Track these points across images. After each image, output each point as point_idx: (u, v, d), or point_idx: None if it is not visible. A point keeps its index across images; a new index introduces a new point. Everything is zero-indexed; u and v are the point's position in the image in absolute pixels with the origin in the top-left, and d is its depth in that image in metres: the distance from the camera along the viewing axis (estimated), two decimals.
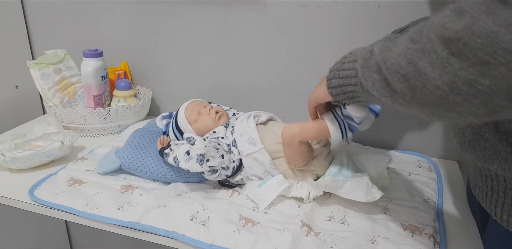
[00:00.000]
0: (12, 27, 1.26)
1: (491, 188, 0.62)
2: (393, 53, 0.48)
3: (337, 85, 0.60)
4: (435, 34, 0.42)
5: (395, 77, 0.47)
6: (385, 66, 0.48)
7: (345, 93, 0.60)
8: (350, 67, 0.58)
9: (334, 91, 0.61)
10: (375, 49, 0.52)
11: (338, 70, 0.60)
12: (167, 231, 0.73)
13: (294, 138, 0.74)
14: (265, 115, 0.88)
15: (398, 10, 0.95)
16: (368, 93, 0.55)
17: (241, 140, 0.82)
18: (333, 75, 0.60)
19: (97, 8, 1.21)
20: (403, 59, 0.45)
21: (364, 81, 0.54)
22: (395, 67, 0.46)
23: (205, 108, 0.91)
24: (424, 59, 0.43)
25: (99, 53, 1.11)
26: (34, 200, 0.82)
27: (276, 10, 1.04)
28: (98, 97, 1.14)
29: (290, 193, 0.80)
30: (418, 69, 0.44)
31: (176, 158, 0.78)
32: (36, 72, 1.12)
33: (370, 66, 0.52)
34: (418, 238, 0.71)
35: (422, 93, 0.45)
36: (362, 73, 0.54)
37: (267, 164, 0.80)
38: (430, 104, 0.45)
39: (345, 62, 0.59)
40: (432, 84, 0.43)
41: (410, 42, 0.45)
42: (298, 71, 1.09)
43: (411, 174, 0.93)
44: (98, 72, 1.11)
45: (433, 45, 0.42)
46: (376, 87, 0.51)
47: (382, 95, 0.51)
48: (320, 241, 0.69)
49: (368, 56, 0.54)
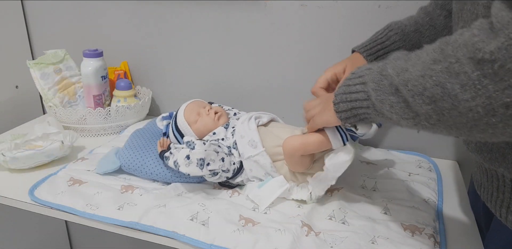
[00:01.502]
0: (12, 27, 1.26)
1: (496, 188, 0.62)
2: (412, 75, 0.46)
3: (346, 109, 0.58)
4: (463, 54, 0.40)
5: (419, 100, 0.45)
6: (406, 88, 0.47)
7: (356, 116, 0.58)
8: (359, 89, 0.56)
9: (344, 115, 0.59)
10: (389, 70, 0.51)
11: (345, 93, 0.58)
12: (167, 231, 0.73)
13: (296, 151, 0.74)
14: (266, 117, 0.88)
15: (398, 10, 0.95)
16: (383, 115, 0.53)
17: (242, 142, 0.82)
18: (340, 99, 0.59)
19: (97, 8, 1.21)
20: (428, 81, 0.44)
21: (380, 104, 0.52)
22: (419, 89, 0.45)
23: (204, 108, 0.91)
24: (453, 81, 0.41)
25: (99, 53, 1.11)
26: (34, 200, 0.82)
27: (276, 10, 1.04)
28: (98, 97, 1.14)
29: (290, 195, 0.80)
30: (447, 91, 0.42)
31: (176, 162, 0.78)
32: (36, 72, 1.12)
33: (384, 89, 0.51)
34: (418, 238, 0.71)
35: (451, 115, 0.43)
36: (376, 96, 0.52)
37: (267, 166, 0.80)
38: (461, 126, 0.44)
39: (351, 84, 0.58)
40: (464, 106, 0.41)
41: (433, 63, 0.44)
42: (298, 71, 1.09)
43: (411, 174, 0.93)
44: (98, 72, 1.11)
45: (462, 66, 0.40)
46: (395, 110, 0.50)
47: (402, 118, 0.50)
48: (320, 241, 0.69)
49: (378, 78, 0.52)
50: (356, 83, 0.57)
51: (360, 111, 0.57)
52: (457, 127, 0.44)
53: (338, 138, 0.71)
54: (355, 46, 0.83)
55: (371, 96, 0.54)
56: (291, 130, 0.83)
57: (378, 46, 0.81)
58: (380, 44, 0.81)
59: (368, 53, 0.81)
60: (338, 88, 0.60)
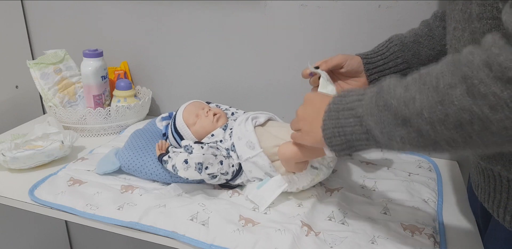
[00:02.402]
0: (12, 27, 1.26)
1: (493, 188, 0.62)
2: (425, 103, 0.44)
3: (340, 143, 0.56)
4: (486, 75, 0.39)
5: (439, 127, 0.44)
6: (421, 117, 0.45)
7: (352, 148, 0.57)
8: (353, 123, 0.54)
9: (338, 148, 0.57)
10: (391, 101, 0.48)
11: (336, 127, 0.55)
12: (167, 231, 0.73)
13: (291, 159, 0.74)
14: (263, 116, 0.88)
15: (398, 10, 0.95)
16: (388, 146, 0.52)
17: (240, 144, 0.82)
18: (331, 133, 0.56)
19: (97, 8, 1.21)
20: (450, 107, 0.42)
21: (385, 136, 0.50)
22: (439, 117, 0.43)
23: (203, 110, 0.91)
24: (479, 103, 0.40)
25: (99, 53, 1.11)
26: (34, 200, 0.82)
27: (276, 10, 1.04)
28: (98, 97, 1.14)
29: (294, 186, 0.80)
30: (476, 115, 0.41)
31: (175, 166, 0.78)
32: (36, 72, 1.12)
33: (387, 121, 0.49)
34: (418, 238, 0.71)
35: (482, 136, 0.42)
36: (380, 129, 0.50)
37: (266, 167, 0.80)
38: (491, 144, 0.43)
39: (341, 118, 0.55)
40: (497, 126, 0.40)
41: (450, 87, 0.42)
42: (298, 71, 1.09)
43: (411, 174, 0.93)
44: (98, 72, 1.11)
45: (488, 86, 0.39)
46: (407, 140, 0.48)
47: (415, 147, 0.48)
48: (320, 241, 0.70)
49: (376, 110, 0.50)
50: (348, 117, 0.54)
51: (356, 143, 0.55)
52: (486, 145, 0.43)
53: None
54: (358, 53, 0.84)
55: (372, 129, 0.52)
56: (288, 129, 0.82)
57: (378, 57, 0.83)
58: (380, 55, 0.83)
59: (367, 61, 0.83)
60: (323, 122, 0.57)
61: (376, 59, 0.83)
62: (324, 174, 0.80)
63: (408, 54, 0.82)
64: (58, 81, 1.16)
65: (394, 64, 0.84)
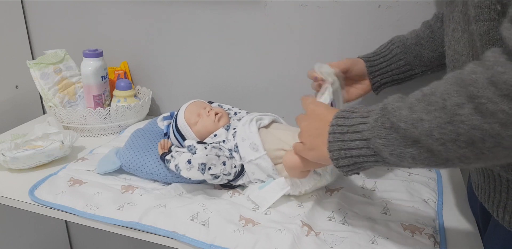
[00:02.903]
0: (12, 27, 1.26)
1: (493, 188, 0.62)
2: (433, 123, 0.45)
3: (348, 164, 0.56)
4: (493, 93, 0.40)
5: (451, 146, 0.45)
6: (431, 138, 0.46)
7: (360, 168, 0.57)
8: (360, 145, 0.54)
9: (346, 169, 0.57)
10: (398, 124, 0.49)
11: (343, 149, 0.55)
12: (167, 231, 0.73)
13: (296, 169, 0.74)
14: (268, 118, 0.87)
15: (398, 10, 0.95)
16: (398, 165, 0.53)
17: (243, 145, 0.82)
18: (338, 155, 0.56)
19: (97, 8, 1.21)
20: (460, 126, 0.43)
21: (396, 158, 0.51)
22: (451, 136, 0.44)
23: (204, 109, 0.90)
24: (490, 121, 0.41)
25: (99, 53, 1.11)
26: (34, 200, 0.82)
27: (276, 10, 1.04)
28: (98, 97, 1.14)
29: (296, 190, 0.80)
30: (487, 132, 0.42)
31: (178, 166, 0.78)
32: (36, 72, 1.12)
33: (396, 143, 0.49)
34: (418, 238, 0.71)
35: (494, 152, 0.43)
36: (390, 151, 0.50)
37: (269, 169, 0.80)
38: (503, 157, 0.44)
39: (346, 140, 0.55)
40: (509, 141, 0.41)
41: (458, 107, 0.43)
42: (298, 71, 1.09)
43: (411, 174, 0.93)
44: (98, 72, 1.11)
45: (496, 104, 0.40)
46: (419, 160, 0.49)
47: (428, 165, 0.49)
48: (321, 241, 0.70)
49: (384, 133, 0.50)
50: (355, 139, 0.54)
51: (365, 164, 0.55)
52: (498, 159, 0.44)
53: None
54: (360, 55, 0.84)
55: (381, 151, 0.52)
56: (293, 132, 0.82)
57: (381, 59, 0.83)
58: (383, 57, 0.83)
59: (370, 64, 0.83)
60: (329, 143, 0.57)
61: (379, 62, 0.83)
62: (326, 180, 0.80)
63: (410, 56, 0.82)
64: (58, 81, 1.16)
65: (396, 66, 0.84)
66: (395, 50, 0.83)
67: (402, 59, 0.83)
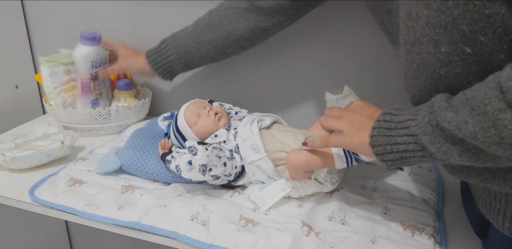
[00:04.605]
0: (12, 27, 1.26)
1: (494, 197, 0.62)
2: (477, 126, 0.47)
3: (394, 159, 0.58)
4: None
5: (496, 148, 0.46)
6: (476, 141, 0.47)
7: (405, 163, 0.58)
8: (407, 141, 0.55)
9: (390, 163, 0.59)
10: (443, 124, 0.50)
11: (389, 144, 0.57)
12: (168, 231, 0.73)
13: (300, 168, 0.74)
14: (269, 119, 0.87)
15: None
16: (446, 161, 0.54)
17: (244, 146, 0.81)
18: (383, 150, 0.58)
19: (97, 8, 1.21)
20: (504, 130, 0.44)
21: (444, 154, 0.52)
22: (495, 140, 0.46)
23: (204, 109, 0.90)
24: None
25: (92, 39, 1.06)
26: (35, 200, 0.82)
27: None
28: (85, 84, 1.09)
29: (296, 193, 0.80)
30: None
31: (178, 167, 0.78)
32: (46, 70, 1.10)
33: (441, 141, 0.51)
34: (419, 238, 0.71)
35: None
36: (436, 148, 0.52)
37: (270, 171, 0.80)
38: None
39: (394, 135, 0.57)
40: None
41: (500, 112, 0.44)
42: (298, 71, 1.09)
43: (411, 174, 0.93)
44: (88, 57, 1.06)
45: None
46: (466, 157, 0.51)
47: (475, 162, 0.51)
48: (321, 241, 0.70)
49: (430, 130, 0.52)
50: (402, 135, 0.56)
51: (411, 160, 0.57)
52: None
53: (343, 160, 0.71)
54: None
55: (428, 147, 0.53)
56: (294, 134, 0.82)
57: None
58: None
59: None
60: (372, 137, 0.59)
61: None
62: (327, 188, 0.80)
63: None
64: (65, 82, 1.15)
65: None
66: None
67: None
